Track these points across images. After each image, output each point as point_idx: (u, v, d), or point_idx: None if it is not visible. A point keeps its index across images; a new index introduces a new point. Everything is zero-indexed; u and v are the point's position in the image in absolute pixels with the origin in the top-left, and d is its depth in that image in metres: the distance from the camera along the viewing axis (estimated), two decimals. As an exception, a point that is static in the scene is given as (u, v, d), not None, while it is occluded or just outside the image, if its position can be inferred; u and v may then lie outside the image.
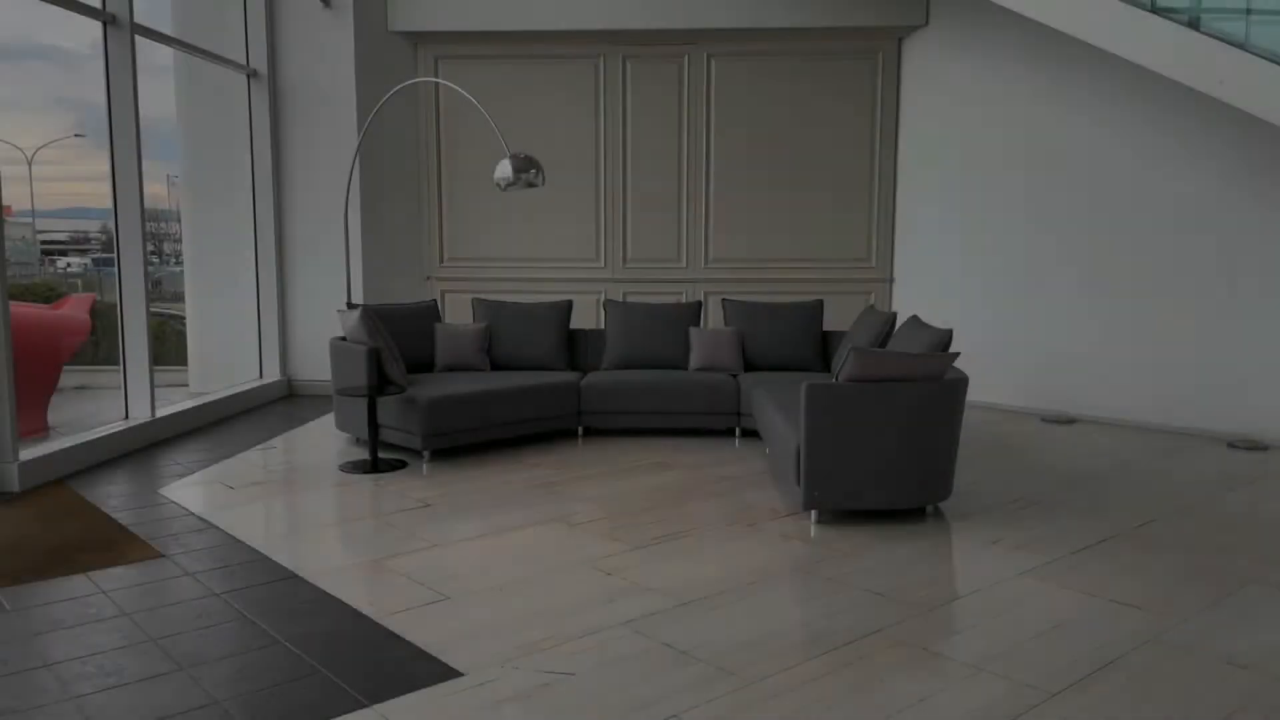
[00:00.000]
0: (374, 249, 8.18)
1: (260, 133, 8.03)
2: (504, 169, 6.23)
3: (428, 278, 8.54)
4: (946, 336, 4.95)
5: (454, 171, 8.46)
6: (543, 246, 8.49)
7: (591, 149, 8.39)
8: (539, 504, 4.90)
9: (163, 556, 4.10)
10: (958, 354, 4.52)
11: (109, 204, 6.32)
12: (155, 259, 9.87)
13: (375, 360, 5.91)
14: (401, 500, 4.96)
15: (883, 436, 4.46)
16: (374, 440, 5.69)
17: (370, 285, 8.16)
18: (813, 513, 4.61)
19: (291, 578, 3.84)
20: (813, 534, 4.43)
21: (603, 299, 8.30)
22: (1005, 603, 3.58)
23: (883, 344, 5.99)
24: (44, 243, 9.96)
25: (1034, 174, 7.41)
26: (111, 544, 4.28)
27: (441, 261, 8.54)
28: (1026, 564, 4.00)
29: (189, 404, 7.03)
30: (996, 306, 7.69)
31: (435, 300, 6.97)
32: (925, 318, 5.73)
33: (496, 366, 6.86)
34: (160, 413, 6.57)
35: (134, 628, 3.35)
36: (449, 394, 5.85)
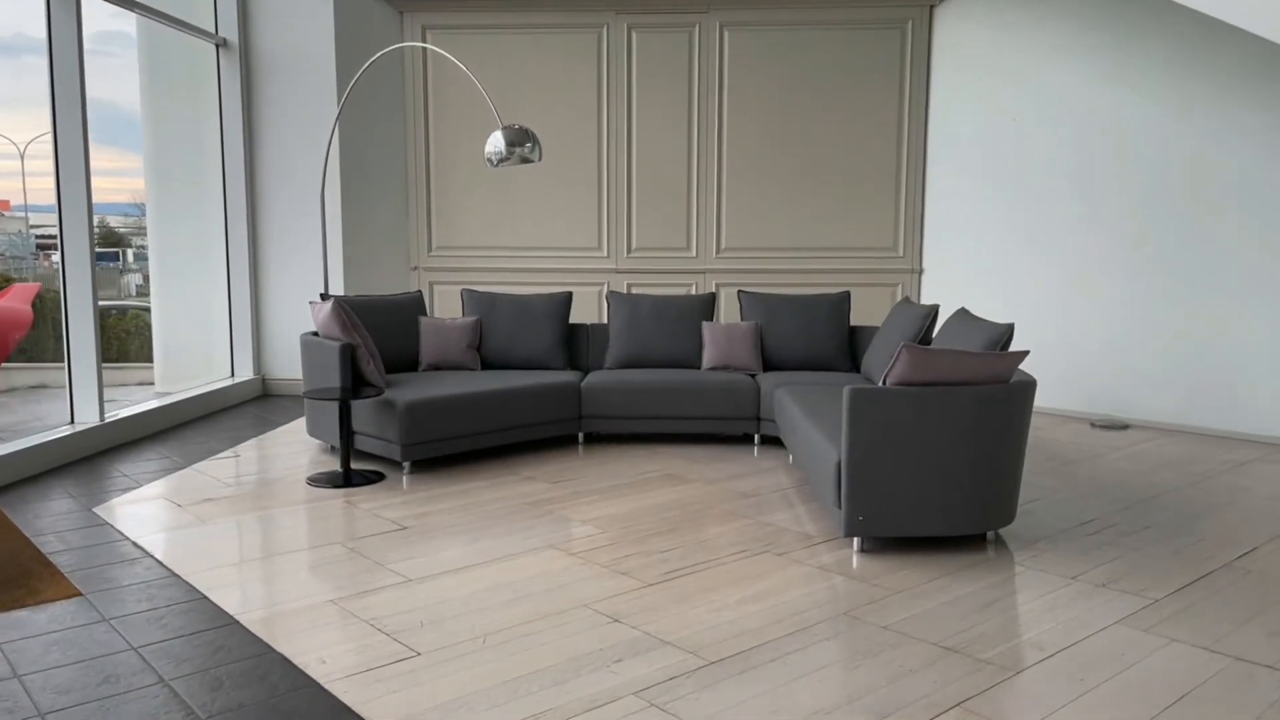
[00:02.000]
0: (355, 236, 7.49)
1: (230, 109, 7.34)
2: (495, 142, 5.53)
3: (414, 267, 7.85)
4: (1006, 332, 4.26)
5: (443, 152, 7.76)
6: (540, 234, 7.80)
7: (594, 128, 7.69)
8: (533, 526, 4.21)
9: (81, 596, 3.42)
10: (1026, 353, 3.83)
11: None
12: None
13: (349, 358, 5.23)
14: (373, 522, 4.27)
15: (939, 450, 3.77)
16: (346, 450, 5.00)
17: (351, 275, 7.47)
18: (855, 539, 3.93)
19: (229, 625, 3.16)
20: (855, 565, 3.74)
21: (605, 291, 7.61)
22: (1107, 662, 2.89)
23: (924, 342, 5.31)
24: (39, 237, 9.52)
25: (1082, 156, 6.71)
26: (24, 578, 3.60)
27: (430, 250, 7.85)
28: (1120, 608, 3.31)
29: (149, 405, 6.34)
30: (1038, 300, 7.00)
31: (420, 292, 6.29)
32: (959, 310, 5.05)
33: (488, 365, 6.17)
34: (114, 416, 5.89)
35: (21, 695, 2.67)
36: (431, 397, 5.17)
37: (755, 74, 7.60)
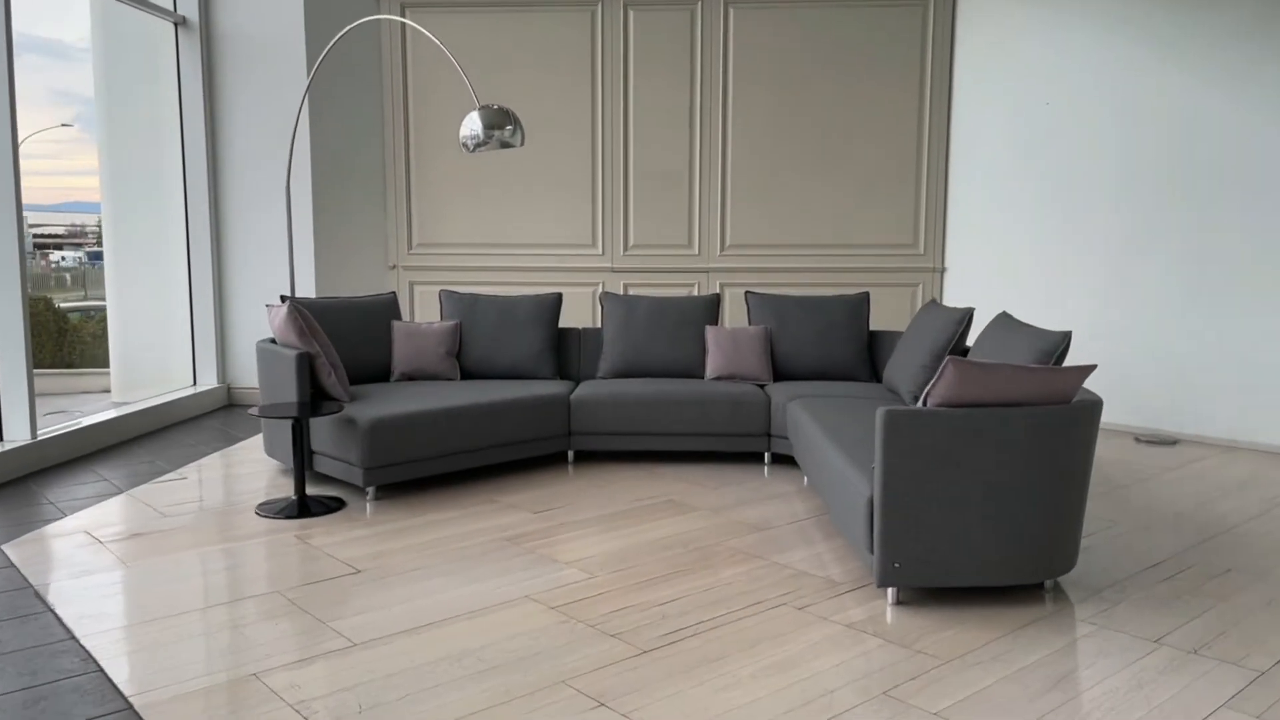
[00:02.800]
0: (328, 232, 6.88)
1: (191, 94, 6.73)
2: (472, 124, 4.91)
3: (393, 266, 7.23)
4: (1061, 342, 3.65)
5: (425, 141, 7.14)
6: (530, 230, 7.18)
7: (587, 115, 7.07)
8: (509, 570, 3.60)
9: (-48, 665, 2.81)
10: (1092, 367, 3.21)
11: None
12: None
13: (307, 369, 4.62)
14: (324, 563, 3.66)
15: (990, 484, 3.15)
16: (301, 475, 4.39)
17: (324, 275, 6.86)
18: (889, 589, 3.31)
19: (121, 712, 2.54)
20: (891, 622, 3.13)
21: (600, 292, 7.00)
22: (1222, 766, 2.28)
23: (957, 350, 4.69)
24: (38, 236, 9.17)
25: (1125, 143, 6.09)
26: (-108, 640, 2.99)
27: (410, 248, 7.23)
28: (1222, 683, 2.69)
29: (93, 419, 5.74)
30: (1074, 302, 6.38)
31: (393, 293, 5.69)
32: (984, 314, 4.43)
33: (468, 374, 5.56)
34: (50, 432, 5.29)
35: None
36: (400, 413, 4.55)
37: (763, 56, 6.98)
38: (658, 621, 3.11)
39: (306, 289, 6.76)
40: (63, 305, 9.97)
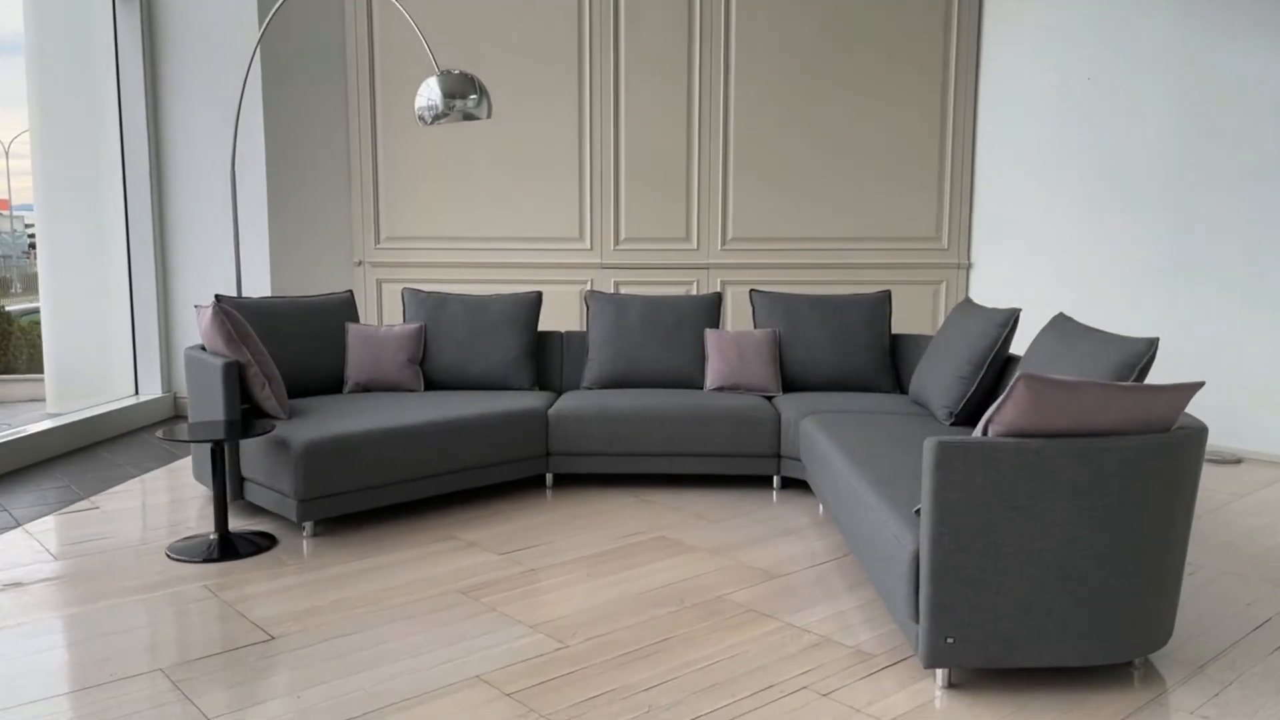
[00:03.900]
0: (286, 226, 6.17)
1: (130, 74, 6.03)
2: (429, 93, 4.21)
3: (359, 262, 6.52)
4: (1146, 353, 2.95)
5: (393, 125, 6.44)
6: (511, 223, 6.47)
7: (574, 93, 6.36)
8: (461, 636, 2.89)
9: None
10: (1199, 385, 2.51)
11: None
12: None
13: (235, 381, 3.92)
14: (233, 626, 2.96)
15: (1070, 537, 2.45)
16: (222, 508, 3.69)
17: (281, 274, 6.15)
18: (940, 671, 2.61)
19: None
20: (941, 710, 2.43)
21: (587, 291, 6.30)
22: None
23: (1000, 361, 3.99)
24: (33, 235, 8.72)
25: (1179, 120, 5.38)
26: None
27: (377, 242, 6.52)
28: (1404, 819, 1.99)
29: (21, 432, 5.05)
30: (1119, 302, 5.67)
31: (350, 292, 4.99)
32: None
33: (433, 385, 4.87)
34: (-50, 453, 4.60)
35: None
36: (342, 432, 3.85)
37: (770, 28, 6.28)
38: (641, 716, 2.41)
39: (260, 289, 6.06)
40: (11, 309, 9.29)
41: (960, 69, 6.23)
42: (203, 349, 4.28)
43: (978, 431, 2.53)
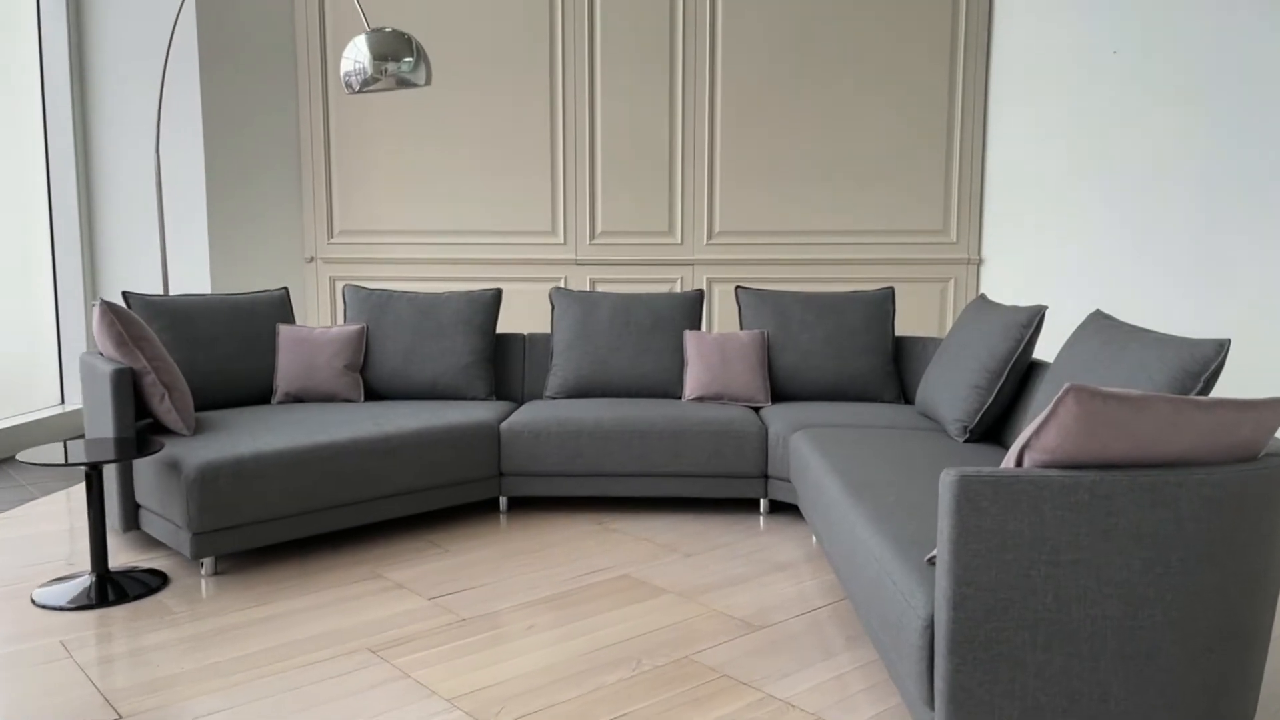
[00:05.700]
0: (227, 218, 5.60)
1: (54, 50, 5.46)
2: (356, 54, 3.62)
3: (310, 259, 5.95)
4: (1216, 354, 2.37)
5: (348, 109, 5.86)
6: (478, 216, 5.89)
7: (546, 76, 5.79)
8: (353, 713, 2.31)
9: None
10: (1297, 400, 1.93)
11: None
12: None
13: (128, 390, 3.35)
14: (74, 699, 2.37)
15: (1133, 597, 1.87)
16: (101, 543, 3.11)
17: (222, 271, 5.58)
18: (958, 765, 2.02)
19: None
20: (964, 827, 1.84)
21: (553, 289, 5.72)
22: None
23: (1022, 366, 3.41)
24: None
25: (1220, 101, 4.80)
26: None
27: (330, 236, 5.95)
28: None
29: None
30: (1145, 301, 5.09)
31: (285, 289, 4.42)
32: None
33: (375, 395, 4.29)
34: None
35: None
36: (248, 452, 3.27)
37: (760, 3, 5.70)
38: (570, 839, 1.82)
39: (199, 285, 5.49)
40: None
41: (970, 43, 5.66)
42: (100, 354, 3.71)
43: (1009, 460, 1.95)
